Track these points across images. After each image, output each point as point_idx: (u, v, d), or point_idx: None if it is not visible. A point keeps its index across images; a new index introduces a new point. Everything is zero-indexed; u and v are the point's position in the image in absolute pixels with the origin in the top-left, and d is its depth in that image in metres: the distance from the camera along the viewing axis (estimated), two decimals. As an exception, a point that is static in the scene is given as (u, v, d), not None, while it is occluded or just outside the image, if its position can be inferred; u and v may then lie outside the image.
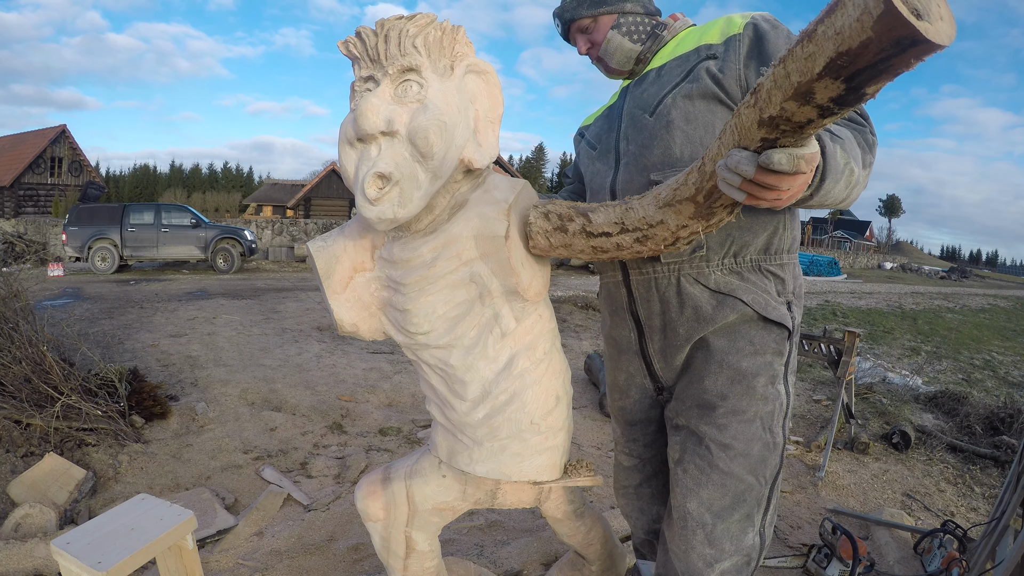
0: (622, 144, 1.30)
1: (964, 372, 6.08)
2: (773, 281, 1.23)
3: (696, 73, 1.19)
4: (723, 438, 1.19)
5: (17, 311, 3.17)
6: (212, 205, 44.85)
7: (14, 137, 30.08)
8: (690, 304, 1.22)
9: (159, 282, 10.56)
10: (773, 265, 1.24)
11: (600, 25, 1.32)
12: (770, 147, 0.72)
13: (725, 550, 1.19)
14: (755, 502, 1.20)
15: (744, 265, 1.21)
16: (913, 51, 0.50)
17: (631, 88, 1.34)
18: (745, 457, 1.18)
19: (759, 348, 1.20)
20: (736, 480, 1.18)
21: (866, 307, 11.90)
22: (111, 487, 2.57)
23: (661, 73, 1.28)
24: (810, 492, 2.85)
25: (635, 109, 1.29)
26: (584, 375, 4.67)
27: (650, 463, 1.47)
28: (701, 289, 1.21)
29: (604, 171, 1.34)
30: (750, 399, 1.19)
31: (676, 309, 1.24)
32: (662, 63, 1.29)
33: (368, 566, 2.02)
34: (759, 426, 1.19)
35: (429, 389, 1.32)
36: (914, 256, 76.96)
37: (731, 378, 1.19)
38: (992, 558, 1.85)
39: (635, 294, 1.30)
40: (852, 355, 3.21)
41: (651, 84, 1.28)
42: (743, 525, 1.20)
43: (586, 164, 1.42)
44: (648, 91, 1.28)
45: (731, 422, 1.19)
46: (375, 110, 1.04)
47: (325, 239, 1.28)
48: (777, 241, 1.23)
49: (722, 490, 1.19)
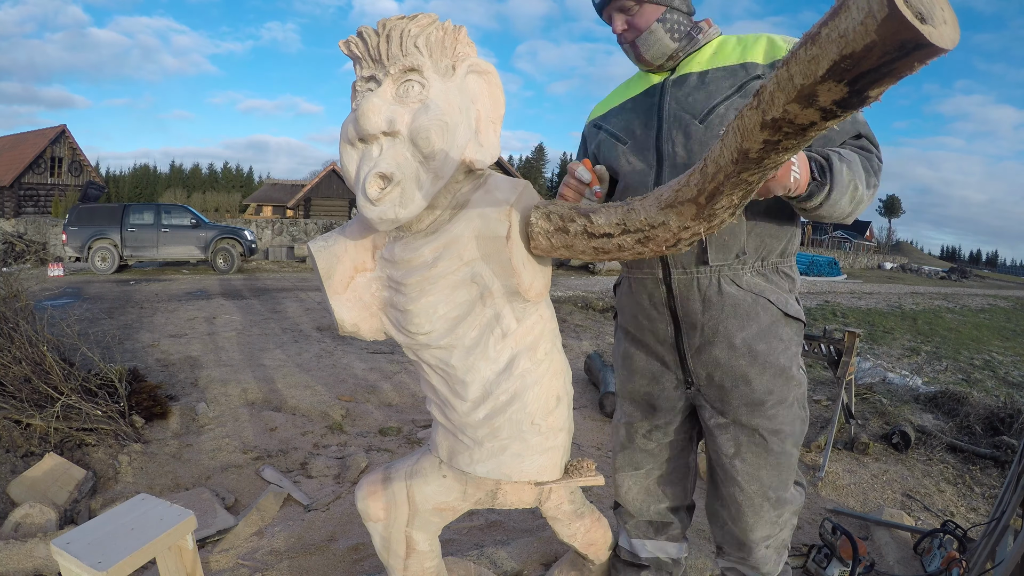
0: (665, 145, 1.33)
1: (964, 372, 6.08)
2: (787, 281, 1.37)
3: (747, 90, 1.27)
4: (774, 426, 1.37)
5: (17, 311, 3.17)
6: (212, 205, 44.84)
7: (14, 137, 30.09)
8: (730, 303, 1.32)
9: (159, 282, 10.56)
10: (786, 267, 1.38)
11: (644, 12, 1.31)
12: (772, 149, 0.72)
13: (786, 510, 1.43)
14: (794, 465, 1.43)
15: (767, 268, 1.35)
16: (917, 55, 0.50)
17: (670, 88, 1.35)
18: (791, 436, 1.39)
19: (787, 343, 1.36)
20: (786, 456, 1.39)
21: (866, 307, 11.90)
22: (111, 487, 2.57)
23: (705, 80, 1.31)
24: (810, 492, 2.85)
25: (681, 112, 1.32)
26: (584, 375, 4.67)
27: (667, 448, 1.56)
28: (737, 289, 1.32)
29: (644, 169, 1.36)
30: (788, 388, 1.36)
31: (717, 307, 1.33)
32: (702, 69, 1.33)
33: (368, 566, 2.02)
34: (797, 407, 1.39)
35: (430, 389, 1.32)
36: (914, 256, 76.98)
37: (774, 374, 1.34)
38: (992, 558, 1.85)
39: (675, 291, 1.36)
40: (852, 355, 3.21)
41: (695, 90, 1.31)
42: (791, 485, 1.44)
43: (615, 157, 1.43)
44: (694, 96, 1.31)
45: (779, 411, 1.36)
46: (376, 110, 1.04)
47: (326, 239, 1.28)
48: (790, 246, 1.37)
49: (777, 468, 1.39)
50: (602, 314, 8.26)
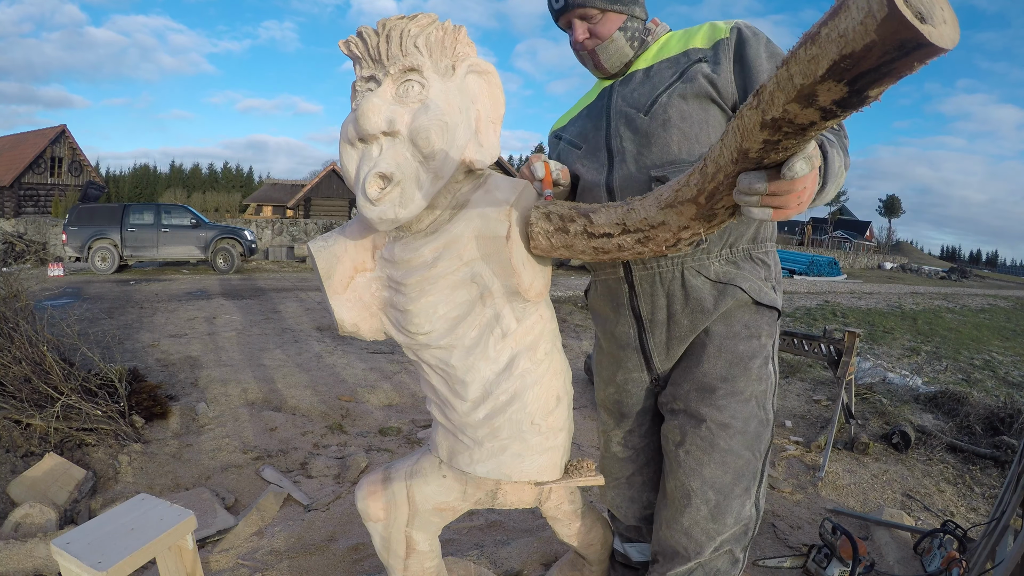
0: (615, 142, 1.32)
1: (964, 372, 6.08)
2: (762, 268, 1.32)
3: (690, 74, 1.24)
4: (723, 418, 1.26)
5: (17, 311, 3.17)
6: (212, 205, 44.81)
7: (14, 137, 30.10)
8: (694, 296, 1.28)
9: (159, 282, 10.56)
10: (760, 253, 1.32)
11: (607, 20, 1.29)
12: (772, 149, 0.72)
13: (727, 523, 1.27)
14: (752, 476, 1.29)
15: (738, 254, 1.29)
16: (916, 54, 0.50)
17: (616, 88, 1.36)
18: (743, 435, 1.27)
19: (754, 332, 1.29)
20: (735, 456, 1.26)
21: (866, 307, 11.90)
22: (111, 487, 2.57)
23: (650, 74, 1.31)
24: (810, 492, 2.85)
25: (627, 108, 1.31)
26: (584, 375, 4.67)
27: (643, 452, 1.51)
28: (703, 280, 1.27)
29: (596, 168, 1.35)
30: (747, 380, 1.27)
31: (681, 301, 1.29)
32: (647, 65, 1.33)
33: (368, 566, 2.02)
34: (755, 405, 1.28)
35: (430, 389, 1.32)
36: (914, 256, 76.99)
37: (730, 361, 1.27)
38: (992, 558, 1.85)
39: (637, 290, 1.33)
40: (852, 355, 3.21)
41: (640, 84, 1.31)
42: (742, 499, 1.28)
43: (572, 163, 1.43)
44: (639, 91, 1.31)
45: (730, 403, 1.26)
46: (376, 110, 1.04)
47: (326, 239, 1.28)
48: (763, 231, 1.32)
49: (723, 467, 1.27)
50: (602, 314, 8.24)
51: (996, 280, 45.85)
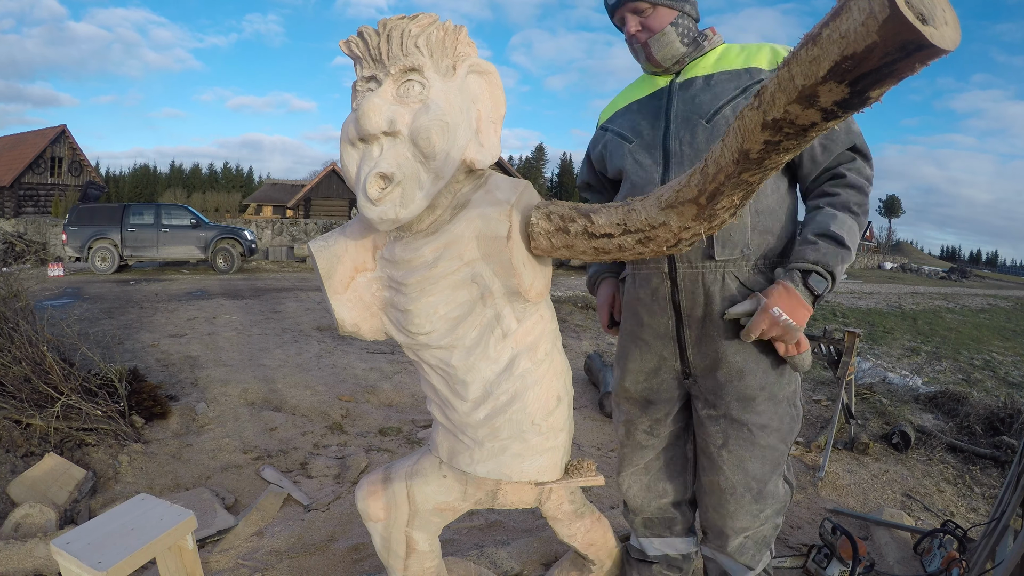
0: (673, 143, 1.39)
1: (964, 372, 6.08)
2: None
3: (750, 92, 1.34)
4: (763, 421, 1.42)
5: (17, 311, 3.17)
6: (212, 205, 44.83)
7: (14, 137, 30.10)
8: (729, 297, 1.38)
9: (159, 282, 10.56)
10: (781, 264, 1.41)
11: (657, 14, 1.38)
12: (773, 150, 0.72)
13: (768, 504, 1.47)
14: (783, 460, 1.48)
15: (769, 266, 1.39)
16: (918, 55, 0.50)
17: (677, 91, 1.43)
18: (779, 431, 1.43)
19: None
20: (773, 450, 1.44)
21: (866, 307, 11.90)
22: (111, 487, 2.57)
23: (711, 83, 1.38)
24: (810, 492, 2.85)
25: (689, 113, 1.38)
26: (584, 375, 4.67)
27: (666, 439, 1.62)
28: (739, 285, 1.38)
29: (651, 166, 1.42)
30: (780, 385, 1.41)
31: (719, 303, 1.38)
32: (708, 73, 1.40)
33: (368, 566, 2.02)
34: (787, 404, 1.44)
35: (430, 389, 1.32)
36: (914, 256, 76.98)
37: (767, 370, 1.40)
38: (992, 558, 1.85)
39: (680, 285, 1.41)
40: (852, 355, 3.21)
41: (701, 91, 1.39)
42: (776, 480, 1.48)
43: (621, 155, 1.49)
44: (700, 98, 1.38)
45: (768, 407, 1.41)
46: (377, 110, 1.03)
47: (326, 239, 1.28)
48: (790, 246, 1.41)
49: (762, 461, 1.44)
50: (602, 314, 8.24)
51: (996, 280, 45.84)
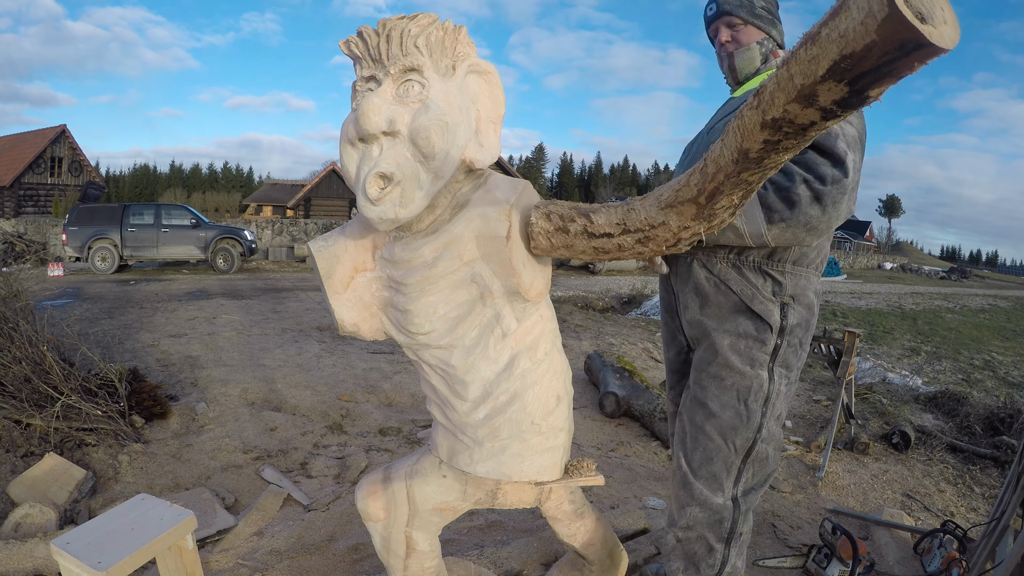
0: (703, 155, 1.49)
1: (964, 372, 6.08)
2: (770, 282, 1.40)
3: None
4: (701, 396, 1.43)
5: (17, 311, 3.17)
6: (212, 205, 44.86)
7: (14, 137, 30.10)
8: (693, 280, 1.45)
9: (159, 282, 10.56)
10: (773, 270, 1.40)
11: (748, 31, 1.50)
12: (773, 149, 0.72)
13: (694, 498, 1.42)
14: (723, 465, 1.40)
15: (745, 263, 1.40)
16: (917, 55, 0.50)
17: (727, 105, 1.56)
18: (716, 419, 1.39)
19: (741, 332, 1.40)
20: (706, 438, 1.40)
21: (866, 307, 11.90)
22: (111, 487, 2.57)
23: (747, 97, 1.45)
24: (810, 492, 2.85)
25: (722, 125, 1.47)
26: (584, 375, 4.67)
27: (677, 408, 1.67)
28: (707, 273, 1.43)
29: None
30: (728, 370, 1.39)
31: (684, 281, 1.48)
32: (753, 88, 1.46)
33: (368, 566, 2.02)
34: (734, 396, 1.39)
35: (430, 389, 1.32)
36: (914, 256, 76.94)
37: (714, 349, 1.42)
38: (992, 558, 1.85)
39: (675, 268, 1.53)
40: (852, 355, 3.21)
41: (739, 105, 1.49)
42: (710, 484, 1.41)
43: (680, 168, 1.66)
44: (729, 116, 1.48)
45: (710, 384, 1.41)
46: (377, 110, 1.04)
47: (326, 239, 1.28)
48: (781, 253, 1.39)
49: (694, 443, 1.42)
50: (602, 314, 8.25)
51: (996, 280, 45.80)
